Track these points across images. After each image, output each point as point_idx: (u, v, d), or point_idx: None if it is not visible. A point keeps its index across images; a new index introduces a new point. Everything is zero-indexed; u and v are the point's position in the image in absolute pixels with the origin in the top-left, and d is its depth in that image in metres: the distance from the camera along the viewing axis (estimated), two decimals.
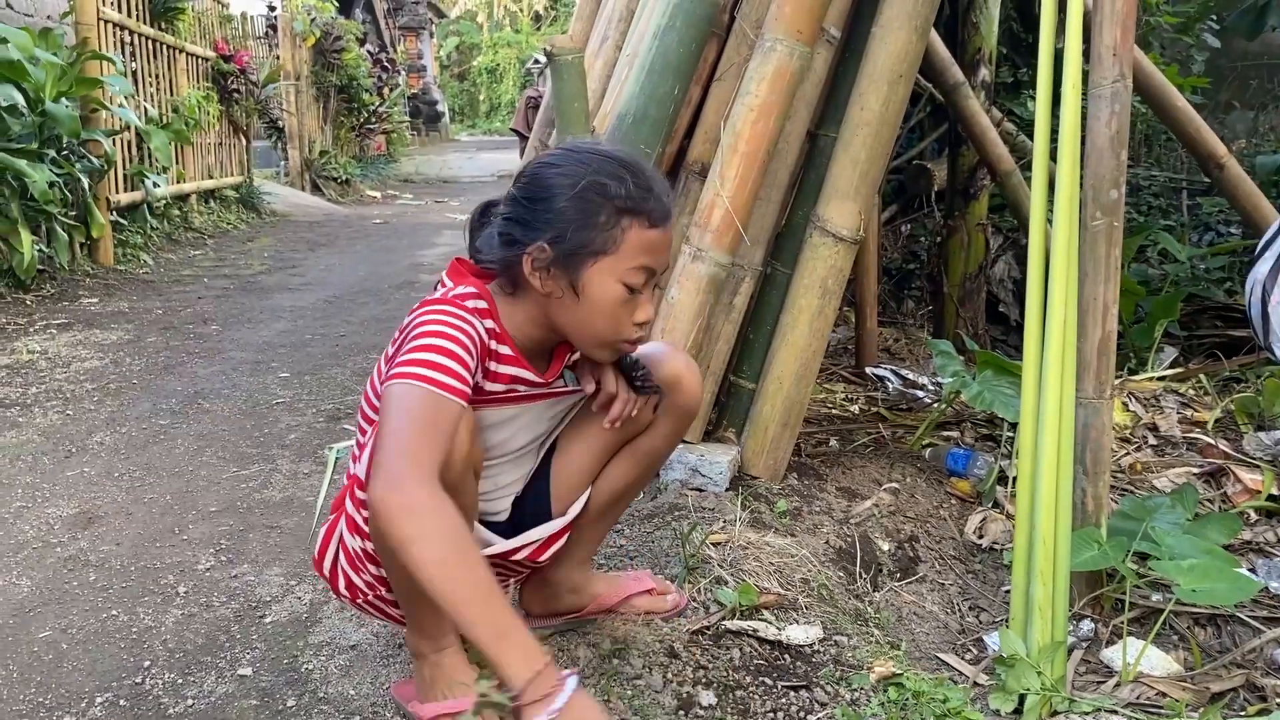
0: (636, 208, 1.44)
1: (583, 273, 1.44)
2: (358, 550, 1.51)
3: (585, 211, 1.43)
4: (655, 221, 1.45)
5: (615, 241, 1.43)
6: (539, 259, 1.45)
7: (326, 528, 1.58)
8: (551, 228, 1.43)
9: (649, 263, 1.46)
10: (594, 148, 1.51)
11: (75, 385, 3.59)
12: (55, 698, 1.71)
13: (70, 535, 2.36)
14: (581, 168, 1.45)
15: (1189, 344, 4.19)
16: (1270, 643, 2.10)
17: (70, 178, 5.42)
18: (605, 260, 1.44)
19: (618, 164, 1.46)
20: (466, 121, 33.28)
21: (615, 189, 1.43)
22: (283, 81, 10.80)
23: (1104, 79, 2.06)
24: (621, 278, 1.44)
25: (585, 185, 1.43)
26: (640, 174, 1.47)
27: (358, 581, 1.56)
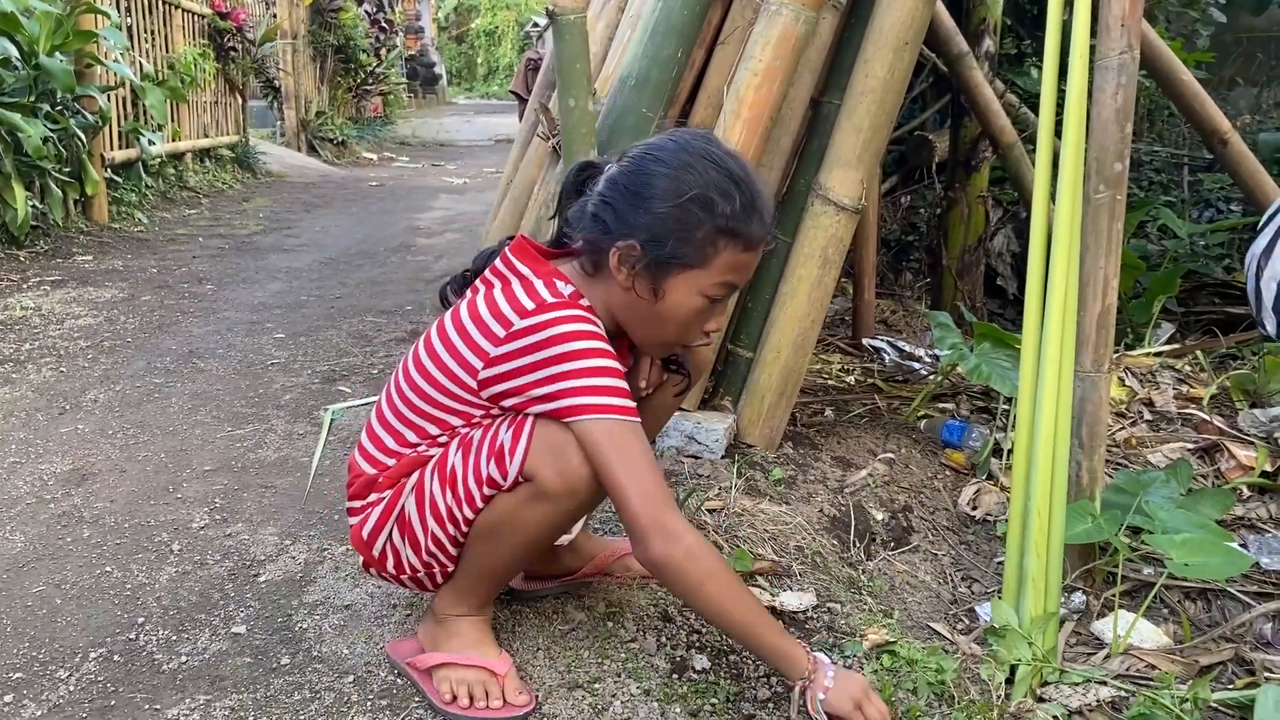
0: (738, 230, 1.42)
1: (667, 280, 1.44)
2: (438, 536, 1.51)
3: (686, 224, 1.41)
4: (750, 245, 1.44)
5: (708, 258, 1.43)
6: (629, 256, 1.44)
7: (382, 508, 1.56)
8: (647, 230, 1.42)
9: (735, 280, 1.47)
10: (707, 149, 1.45)
11: (69, 342, 3.57)
12: (49, 652, 1.71)
13: (64, 491, 2.36)
14: (691, 175, 1.42)
15: (1187, 320, 4.19)
16: (1260, 617, 2.11)
17: (65, 133, 5.37)
18: (694, 272, 1.43)
19: (729, 180, 1.43)
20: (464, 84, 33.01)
21: (722, 207, 1.41)
22: (279, 40, 10.69)
23: (1111, 50, 2.05)
24: (704, 291, 1.45)
25: (692, 197, 1.41)
26: (748, 193, 1.43)
27: (414, 561, 1.56)
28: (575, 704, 1.54)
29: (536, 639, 1.71)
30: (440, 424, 1.52)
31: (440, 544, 1.52)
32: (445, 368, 1.49)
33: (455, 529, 1.50)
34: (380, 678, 1.62)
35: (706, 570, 1.36)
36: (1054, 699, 1.70)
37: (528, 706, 1.52)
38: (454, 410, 1.50)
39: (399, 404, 1.56)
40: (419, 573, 1.58)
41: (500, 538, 1.48)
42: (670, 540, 1.34)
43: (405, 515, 1.54)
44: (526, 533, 1.47)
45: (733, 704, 1.55)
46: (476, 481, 1.46)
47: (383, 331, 3.84)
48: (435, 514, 1.50)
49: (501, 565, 1.54)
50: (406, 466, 1.55)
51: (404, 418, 1.55)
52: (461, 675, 1.53)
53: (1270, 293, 2.58)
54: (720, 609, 1.39)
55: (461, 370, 1.47)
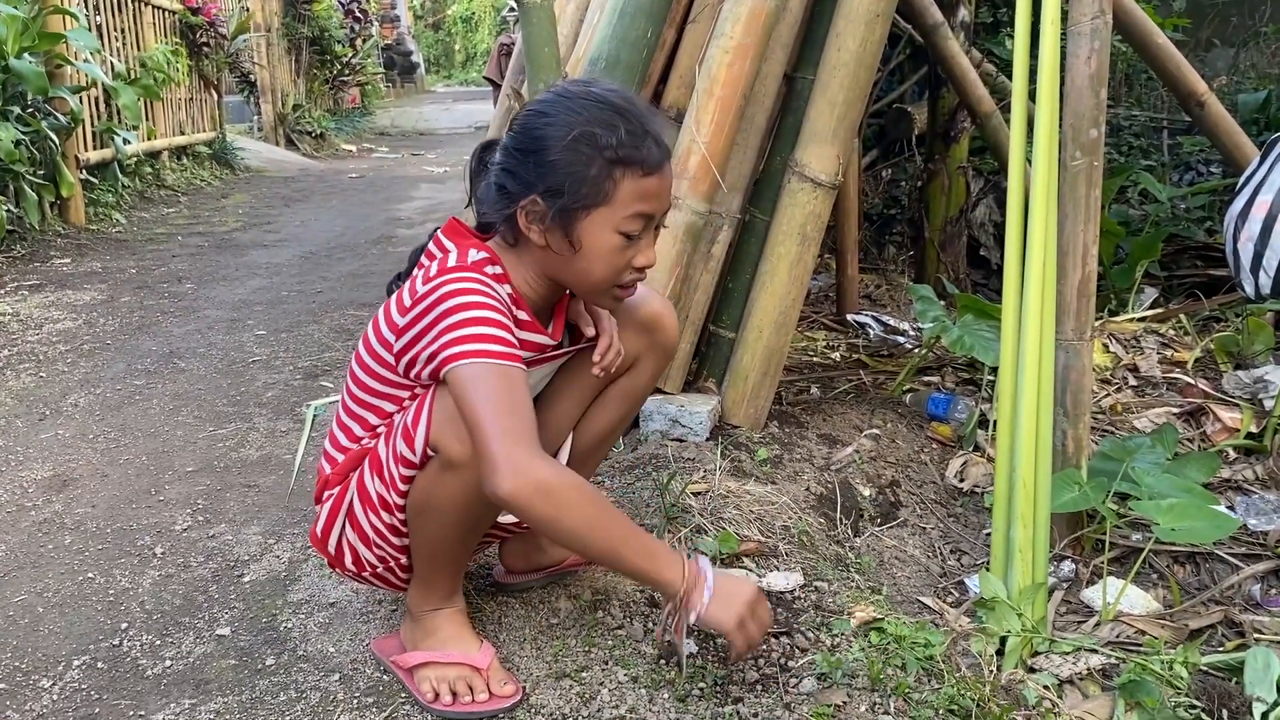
0: (629, 157, 1.40)
1: (578, 225, 1.42)
2: (377, 526, 1.51)
3: (576, 164, 1.39)
4: (650, 169, 1.41)
5: (609, 193, 1.40)
6: (533, 212, 1.43)
7: (330, 506, 1.56)
8: (543, 181, 1.41)
9: (645, 209, 1.43)
10: (585, 91, 1.45)
11: (48, 347, 3.54)
12: (31, 661, 1.69)
13: (45, 498, 2.34)
14: (572, 117, 1.40)
15: (1169, 284, 4.19)
16: (1248, 579, 2.12)
17: (37, 136, 5.31)
18: (600, 211, 1.41)
19: (610, 109, 1.41)
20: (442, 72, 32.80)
21: (606, 138, 1.39)
22: (253, 33, 10.58)
23: (1083, 15, 2.03)
24: (617, 227, 1.42)
25: (575, 136, 1.39)
26: (633, 118, 1.42)
27: (369, 556, 1.55)
28: (563, 693, 1.53)
29: (523, 630, 1.70)
30: (377, 411, 1.53)
31: (382, 534, 1.51)
32: (373, 351, 1.50)
33: (390, 515, 1.49)
34: (366, 675, 1.61)
35: (564, 504, 1.29)
36: (1044, 669, 1.70)
37: (514, 697, 1.51)
38: (385, 395, 1.51)
39: (347, 398, 1.57)
40: (378, 568, 1.57)
41: (430, 516, 1.46)
42: (519, 474, 1.27)
43: (352, 509, 1.53)
44: (452, 506, 1.44)
45: (721, 687, 1.54)
46: (395, 462, 1.46)
47: (364, 325, 3.80)
48: (370, 503, 1.50)
49: (444, 545, 1.51)
50: (353, 461, 1.55)
51: (351, 412, 1.56)
52: (442, 673, 1.52)
53: (1247, 254, 2.59)
54: (580, 542, 1.34)
55: (383, 350, 1.48)
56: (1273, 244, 2.72)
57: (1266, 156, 2.83)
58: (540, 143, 1.41)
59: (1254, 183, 2.73)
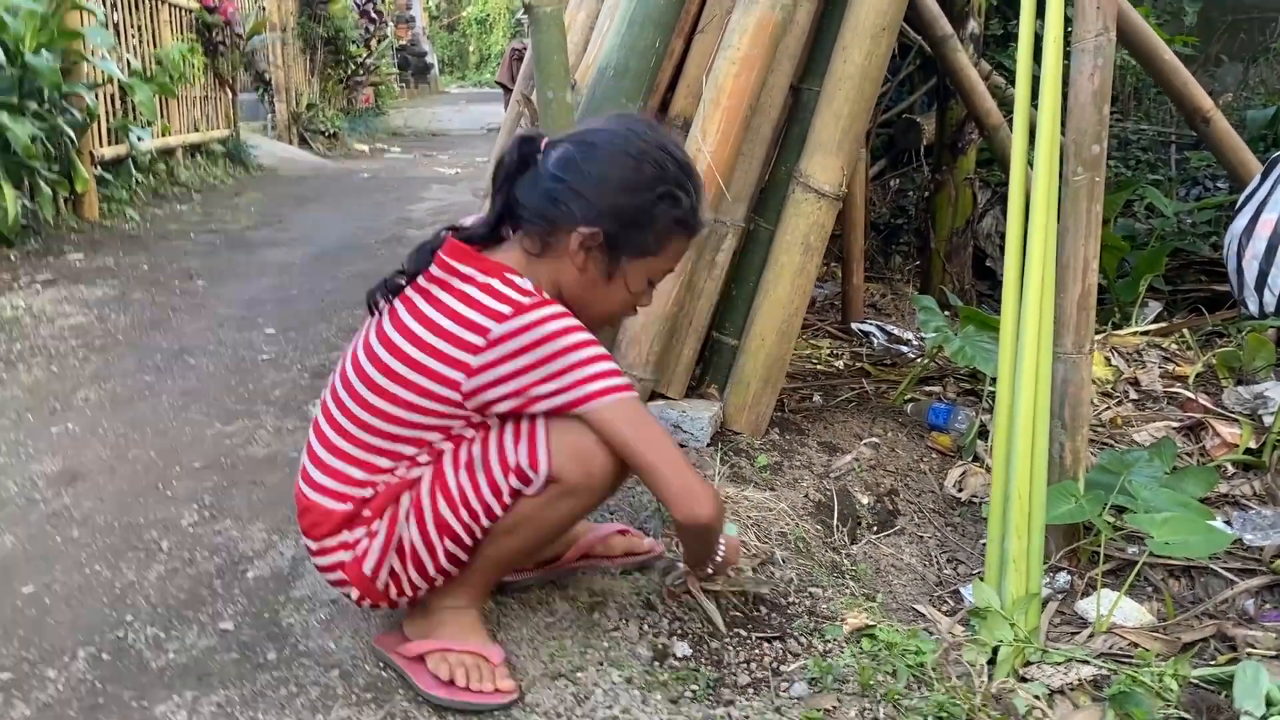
0: (691, 223, 1.55)
1: (624, 265, 1.53)
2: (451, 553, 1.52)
3: (650, 217, 1.50)
4: (694, 233, 1.58)
5: (663, 247, 1.55)
6: (590, 242, 1.50)
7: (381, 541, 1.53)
8: (616, 220, 1.49)
9: (673, 266, 1.61)
10: (660, 140, 1.55)
11: (60, 342, 3.58)
12: (38, 652, 1.72)
13: (54, 492, 2.37)
14: (655, 170, 1.50)
15: (1174, 298, 4.20)
16: (1242, 594, 2.13)
17: (53, 131, 5.35)
18: (649, 260, 1.55)
19: (686, 174, 1.54)
20: (456, 73, 32.88)
21: (685, 203, 1.52)
22: (268, 33, 10.64)
23: (1087, 32, 2.05)
24: (653, 275, 1.58)
25: (661, 194, 1.50)
26: (697, 186, 1.56)
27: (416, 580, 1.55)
28: (558, 693, 1.55)
29: (521, 630, 1.72)
30: (417, 443, 1.51)
31: (454, 558, 1.53)
32: (415, 386, 1.46)
33: (472, 539, 1.51)
34: (366, 671, 1.64)
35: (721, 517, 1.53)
36: (1036, 679, 1.71)
37: (511, 694, 1.53)
38: (431, 427, 1.50)
39: (354, 430, 1.52)
40: (420, 590, 1.57)
41: (518, 533, 1.52)
42: (715, 500, 1.48)
43: (404, 542, 1.51)
44: (547, 526, 1.54)
45: (713, 690, 1.57)
46: (494, 493, 1.47)
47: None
48: (445, 533, 1.50)
49: (512, 557, 1.59)
50: (392, 494, 1.53)
51: (367, 445, 1.52)
52: (459, 658, 1.55)
53: (1252, 272, 2.60)
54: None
55: (438, 385, 1.45)
56: (1278, 262, 2.73)
57: (1268, 174, 2.85)
58: (619, 181, 1.49)
59: (1256, 201, 2.75)
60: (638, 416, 1.45)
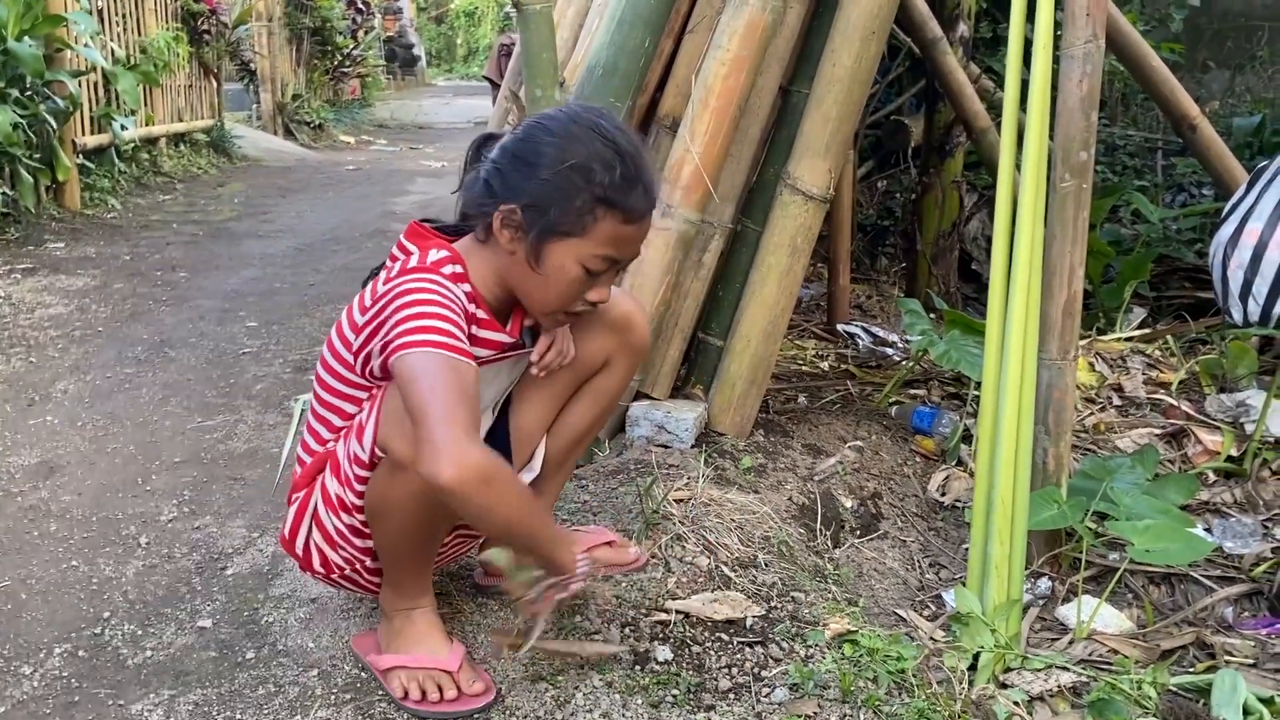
0: (615, 200, 1.43)
1: (547, 247, 1.45)
2: (339, 528, 1.53)
3: (565, 191, 1.42)
4: (631, 217, 1.45)
5: (586, 227, 1.43)
6: (510, 220, 1.46)
7: (296, 508, 1.59)
8: (529, 194, 1.44)
9: (614, 254, 1.47)
10: (595, 122, 1.47)
11: (39, 332, 3.54)
12: (13, 648, 1.71)
13: (31, 485, 2.35)
14: (575, 144, 1.43)
15: (1158, 305, 4.21)
16: (1221, 601, 2.14)
17: (35, 119, 5.30)
18: (572, 242, 1.44)
19: (614, 150, 1.44)
20: (443, 66, 32.76)
21: (600, 176, 1.42)
22: (254, 23, 10.58)
23: (1076, 39, 2.05)
24: (583, 261, 1.45)
25: (572, 164, 1.42)
26: (632, 164, 1.44)
27: (335, 559, 1.57)
28: (538, 696, 1.54)
29: None
30: (340, 413, 1.56)
31: (345, 536, 1.54)
32: (336, 353, 1.54)
33: (350, 516, 1.52)
34: (345, 671, 1.63)
35: (500, 497, 1.31)
36: (1016, 685, 1.71)
37: (485, 696, 1.52)
38: (347, 396, 1.54)
39: (314, 401, 1.60)
40: (344, 569, 1.59)
41: (387, 518, 1.48)
42: (460, 463, 1.26)
43: (317, 512, 1.56)
44: (406, 508, 1.44)
45: (694, 695, 1.56)
46: (349, 462, 1.48)
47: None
48: (330, 504, 1.53)
49: (406, 546, 1.52)
50: (318, 463, 1.57)
51: (318, 415, 1.59)
52: (411, 674, 1.54)
53: (1237, 281, 2.61)
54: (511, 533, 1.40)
55: (344, 349, 1.52)
56: (1263, 272, 2.74)
57: (1254, 183, 2.85)
58: (538, 156, 1.44)
59: (1242, 209, 2.75)
60: (433, 368, 1.32)
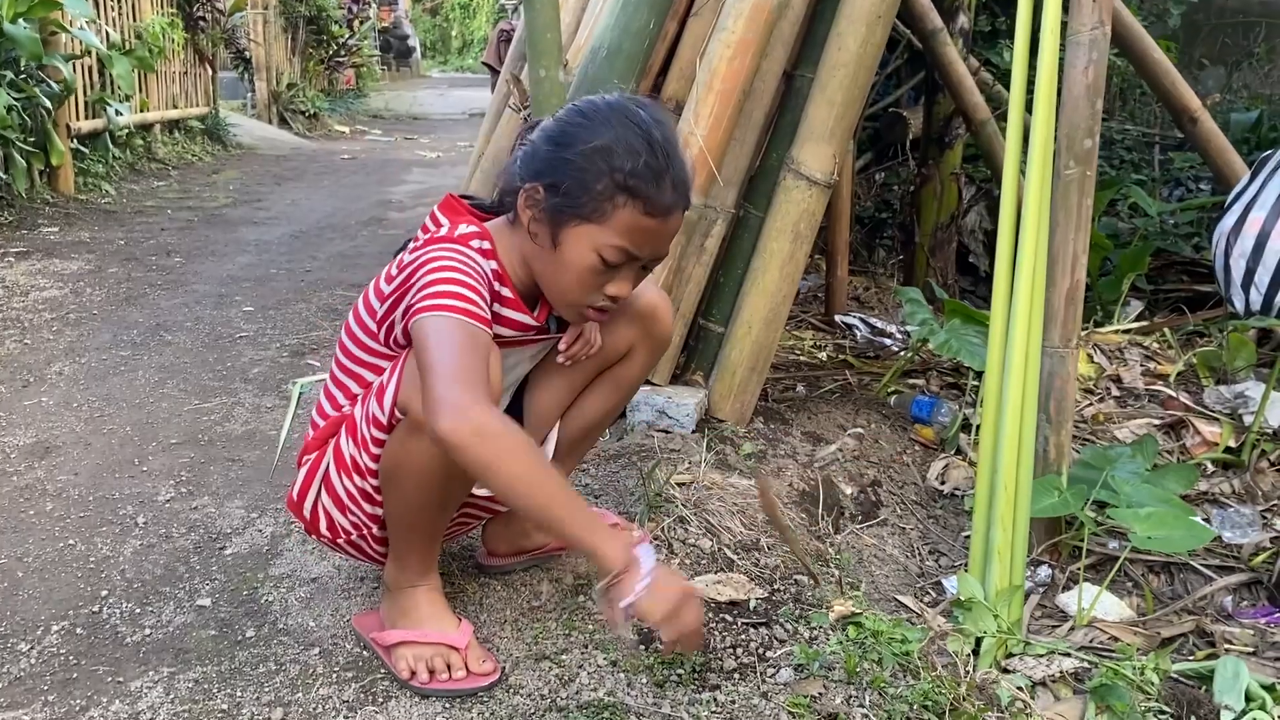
0: (637, 189, 1.38)
1: (564, 229, 1.42)
2: (351, 491, 1.52)
3: (586, 172, 1.39)
4: (653, 210, 1.39)
5: (604, 213, 1.40)
6: (533, 198, 1.44)
7: (306, 470, 1.58)
8: (553, 174, 1.42)
9: (631, 246, 1.41)
10: (633, 110, 1.43)
11: (33, 314, 3.52)
12: (10, 626, 1.69)
13: (27, 464, 2.33)
14: (606, 129, 1.41)
15: (1155, 298, 4.22)
16: (1221, 590, 2.15)
17: (29, 103, 5.27)
18: (588, 227, 1.41)
19: (644, 139, 1.40)
20: (438, 57, 32.68)
21: (622, 162, 1.38)
22: (250, 10, 10.54)
23: (1083, 26, 2.05)
24: (598, 249, 1.41)
25: (596, 146, 1.39)
26: (661, 156, 1.40)
27: (343, 522, 1.56)
28: (542, 675, 1.54)
29: (504, 612, 1.70)
30: (360, 380, 1.56)
31: (355, 499, 1.53)
32: (360, 320, 1.54)
33: (362, 479, 1.50)
34: (346, 649, 1.61)
35: (501, 452, 1.24)
36: (1018, 670, 1.71)
37: (493, 675, 1.51)
38: (368, 364, 1.54)
39: (334, 368, 1.60)
40: (351, 535, 1.58)
41: (400, 483, 1.46)
42: (459, 416, 1.23)
43: (328, 474, 1.55)
44: (421, 471, 1.42)
45: (699, 674, 1.55)
46: (367, 423, 1.47)
47: (352, 305, 3.80)
48: (344, 467, 1.52)
49: (417, 515, 1.50)
50: (332, 426, 1.56)
51: (337, 380, 1.59)
52: (419, 652, 1.53)
53: (1239, 270, 2.61)
54: (513, 493, 1.27)
55: (369, 317, 1.52)
56: (1265, 261, 2.74)
57: (1257, 174, 2.86)
58: (567, 137, 1.43)
59: (1245, 199, 2.76)
60: (446, 330, 1.31)
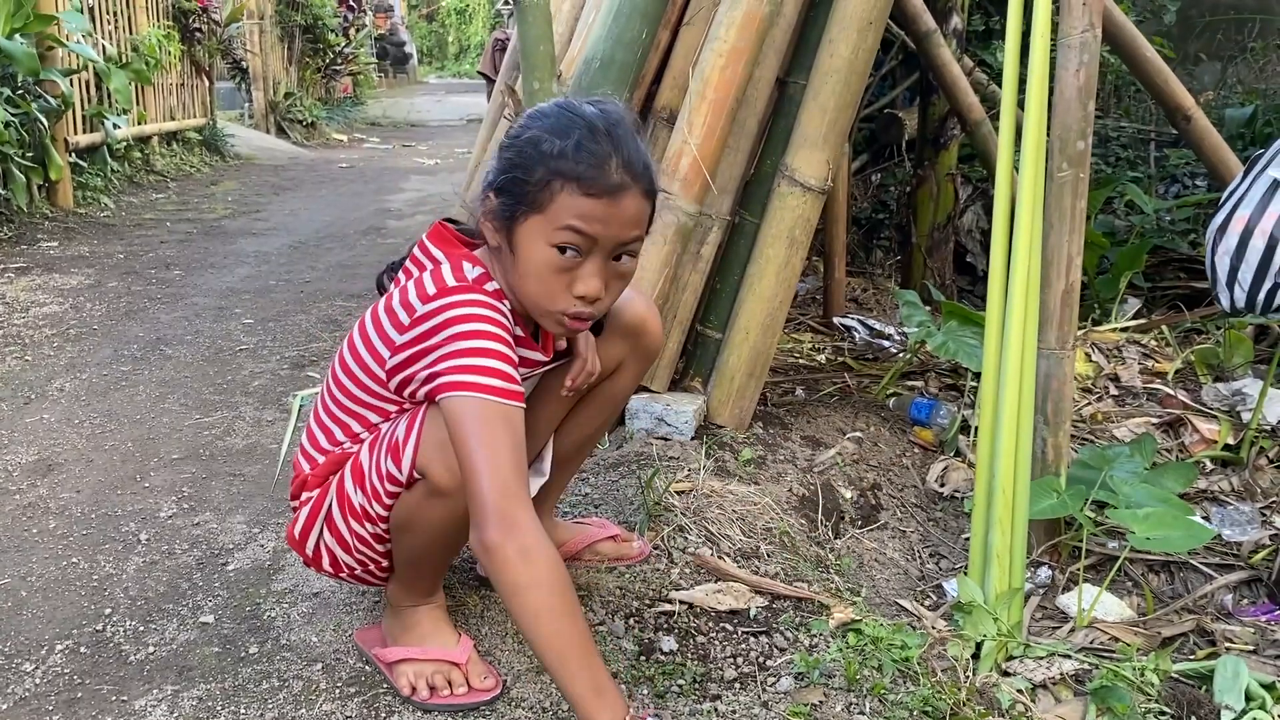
0: (568, 170, 1.34)
1: (516, 230, 1.39)
2: (359, 534, 1.51)
3: (521, 167, 1.37)
4: (594, 189, 1.34)
5: (544, 202, 1.36)
6: (489, 208, 1.42)
7: (309, 510, 1.56)
8: (500, 177, 1.40)
9: (582, 227, 1.35)
10: (574, 105, 1.41)
11: (34, 330, 3.53)
12: (15, 645, 1.70)
13: (29, 482, 2.34)
14: (540, 122, 1.39)
15: (1153, 295, 4.22)
16: (1221, 589, 2.15)
17: (27, 118, 5.29)
18: (534, 219, 1.37)
19: (579, 122, 1.37)
20: (435, 64, 32.74)
21: (550, 145, 1.35)
22: (246, 21, 10.55)
23: (1073, 28, 2.05)
24: (550, 239, 1.36)
25: (527, 138, 1.38)
26: (600, 137, 1.36)
27: (348, 560, 1.56)
28: (543, 688, 1.54)
29: (505, 624, 1.71)
30: (362, 420, 1.52)
31: (365, 541, 1.52)
32: (361, 361, 1.49)
33: (373, 525, 1.49)
34: (349, 665, 1.62)
35: (534, 577, 1.24)
36: (1019, 673, 1.72)
37: (494, 690, 1.52)
38: (372, 406, 1.51)
39: (329, 401, 1.56)
40: (356, 570, 1.58)
41: (413, 534, 1.48)
42: (509, 530, 1.24)
43: (331, 515, 1.53)
44: (436, 528, 1.45)
45: (699, 685, 1.56)
46: (379, 478, 1.45)
47: (352, 315, 3.82)
48: (353, 513, 1.50)
49: (427, 558, 1.53)
50: (331, 465, 1.54)
51: (332, 414, 1.55)
52: (420, 668, 1.54)
53: (1224, 268, 2.61)
54: (535, 624, 1.24)
55: (373, 362, 1.47)
56: (1247, 258, 2.74)
57: (1249, 171, 2.86)
58: (509, 141, 1.42)
59: (1235, 198, 2.76)
60: (489, 420, 1.29)
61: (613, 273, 1.42)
